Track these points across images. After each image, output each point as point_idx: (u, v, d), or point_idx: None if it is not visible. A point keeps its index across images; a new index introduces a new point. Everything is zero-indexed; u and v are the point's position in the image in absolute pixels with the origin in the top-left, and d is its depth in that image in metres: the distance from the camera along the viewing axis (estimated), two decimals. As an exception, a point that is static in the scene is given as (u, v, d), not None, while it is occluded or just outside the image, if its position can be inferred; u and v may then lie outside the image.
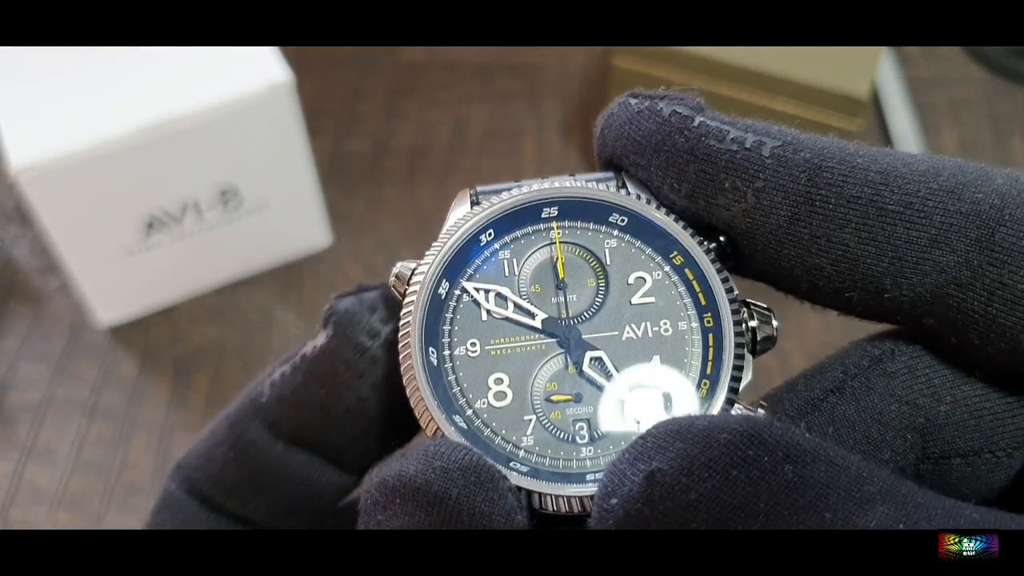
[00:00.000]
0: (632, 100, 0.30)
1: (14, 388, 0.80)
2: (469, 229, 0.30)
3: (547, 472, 0.27)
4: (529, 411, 0.28)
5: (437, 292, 0.29)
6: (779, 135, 0.28)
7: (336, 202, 0.87)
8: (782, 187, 0.27)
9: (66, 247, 0.74)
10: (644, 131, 0.29)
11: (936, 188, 0.26)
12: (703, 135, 0.28)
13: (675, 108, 0.29)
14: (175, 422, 0.77)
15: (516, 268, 0.30)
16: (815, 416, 0.29)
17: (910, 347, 0.29)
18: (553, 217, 0.30)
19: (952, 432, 0.29)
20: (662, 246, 0.30)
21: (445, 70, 1.01)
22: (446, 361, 0.28)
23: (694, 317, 0.29)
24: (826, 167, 0.27)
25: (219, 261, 0.83)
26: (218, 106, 0.72)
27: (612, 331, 0.29)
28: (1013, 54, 0.98)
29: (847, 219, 0.27)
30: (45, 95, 0.73)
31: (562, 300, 0.29)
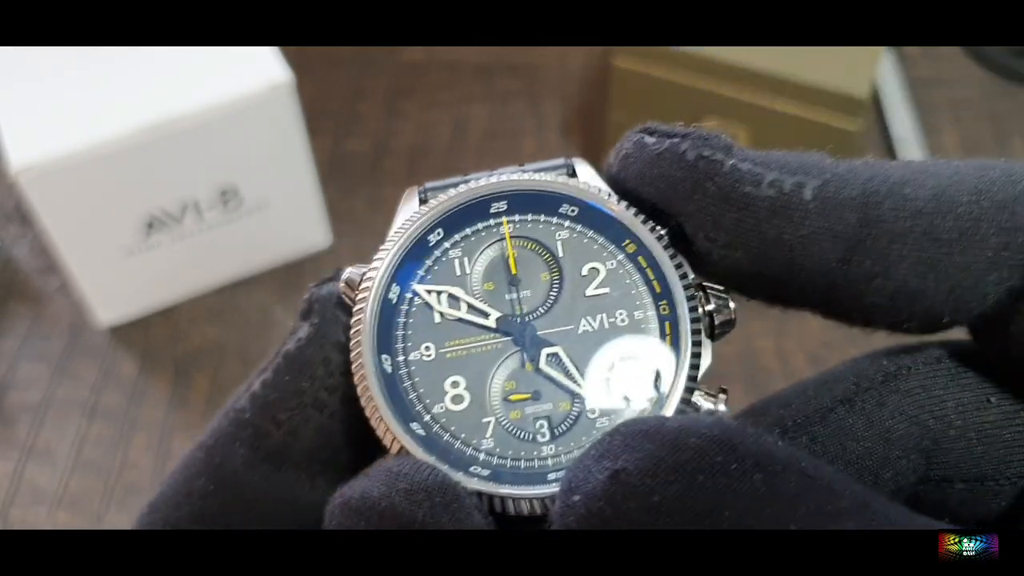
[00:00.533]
0: (648, 139, 0.28)
1: (14, 388, 0.80)
2: (417, 229, 0.29)
3: (508, 473, 0.27)
4: (488, 412, 0.28)
5: (388, 297, 0.28)
6: (818, 172, 0.26)
7: (336, 202, 0.87)
8: (830, 230, 0.26)
9: (66, 247, 0.74)
10: (668, 178, 0.27)
11: (988, 205, 0.25)
12: (736, 181, 0.26)
13: (701, 151, 0.27)
14: (175, 422, 0.77)
15: (468, 267, 0.29)
16: (821, 426, 0.28)
17: (927, 366, 0.29)
18: (503, 212, 0.30)
19: (958, 457, 0.28)
20: (614, 234, 0.29)
21: (445, 70, 1.01)
22: (400, 367, 0.28)
23: (650, 305, 0.29)
24: (874, 203, 0.25)
25: (219, 261, 0.83)
26: (218, 106, 0.72)
27: (567, 325, 0.29)
28: (1013, 54, 0.98)
29: (902, 255, 0.25)
30: (45, 95, 0.73)
31: (516, 296, 0.29)
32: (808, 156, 0.27)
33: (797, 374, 0.77)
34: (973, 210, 0.25)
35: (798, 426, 0.28)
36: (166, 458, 0.76)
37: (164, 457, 0.76)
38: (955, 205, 0.25)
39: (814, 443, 0.28)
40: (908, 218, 0.25)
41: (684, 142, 0.27)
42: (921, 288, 0.26)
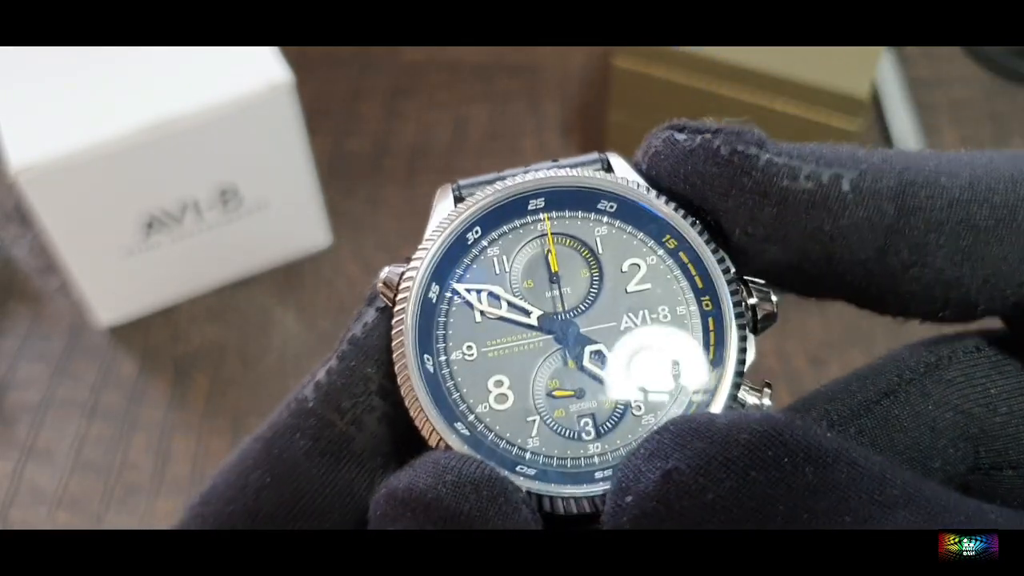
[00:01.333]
0: (679, 136, 0.28)
1: (14, 388, 0.80)
2: (455, 229, 0.29)
3: (555, 473, 0.27)
4: (532, 411, 0.27)
5: (428, 296, 0.28)
6: (853, 163, 0.26)
7: (336, 202, 0.87)
8: (868, 221, 0.26)
9: (66, 247, 0.74)
10: (703, 174, 0.27)
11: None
12: (773, 175, 0.26)
13: (735, 146, 0.27)
14: (175, 422, 0.77)
15: (507, 265, 0.29)
16: (868, 419, 0.28)
17: (968, 355, 0.29)
18: (540, 208, 0.29)
19: (1005, 443, 0.28)
20: (654, 230, 0.29)
21: (445, 70, 1.01)
22: (443, 367, 0.27)
23: (692, 301, 0.29)
24: (911, 193, 0.26)
25: (219, 261, 0.83)
26: (218, 106, 0.72)
27: (610, 322, 0.28)
28: (1013, 54, 0.98)
29: (939, 244, 0.26)
30: (45, 95, 0.73)
31: (556, 294, 0.29)
32: (842, 148, 0.27)
33: (798, 374, 0.77)
34: (1009, 198, 0.25)
35: (844, 420, 0.28)
36: (166, 458, 0.76)
37: (164, 457, 0.76)
38: (991, 193, 0.25)
39: (862, 435, 0.28)
40: (945, 207, 0.26)
41: (716, 138, 0.27)
42: (957, 276, 0.26)
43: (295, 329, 0.83)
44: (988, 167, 0.26)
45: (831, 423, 0.28)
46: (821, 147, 0.27)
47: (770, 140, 0.27)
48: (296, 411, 0.28)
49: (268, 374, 0.80)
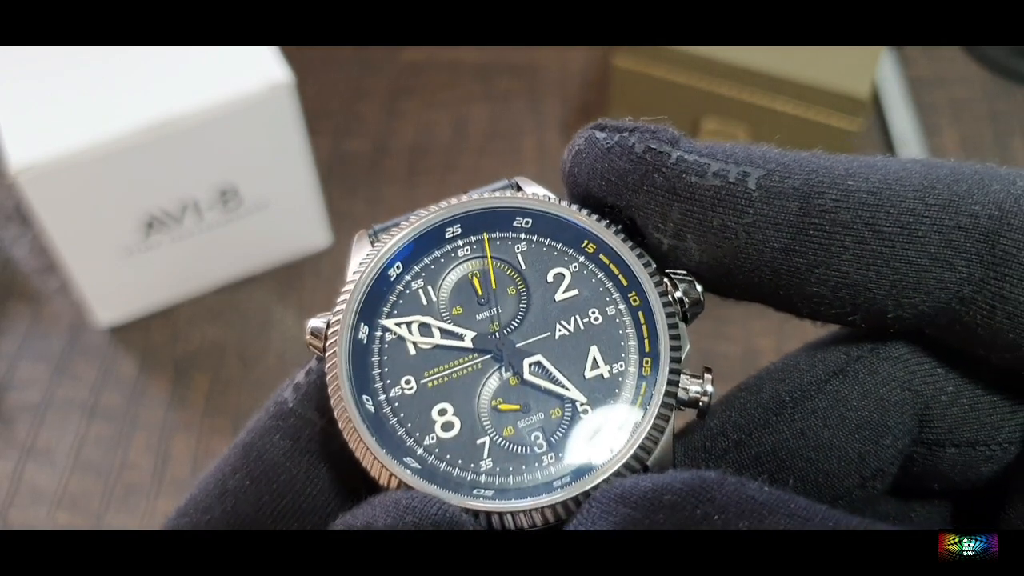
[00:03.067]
0: (599, 135, 0.29)
1: (14, 388, 0.80)
2: (376, 266, 0.29)
3: (513, 490, 0.27)
4: (481, 433, 0.27)
5: (358, 338, 0.28)
6: (763, 162, 0.27)
7: (336, 202, 0.87)
8: (773, 219, 0.26)
9: (66, 247, 0.74)
10: (618, 170, 0.28)
11: (932, 203, 0.25)
12: (683, 172, 0.27)
13: (648, 144, 0.27)
14: (175, 422, 0.77)
15: (433, 295, 0.29)
16: (819, 399, 0.28)
17: (910, 337, 0.29)
18: (458, 236, 0.30)
19: (950, 422, 0.29)
20: (572, 238, 0.30)
21: (445, 70, 1.01)
22: (384, 406, 0.28)
23: (620, 299, 0.29)
24: (816, 193, 0.26)
25: (219, 261, 0.83)
26: (218, 106, 0.72)
27: (544, 332, 0.29)
28: (1013, 54, 0.98)
29: (844, 246, 0.26)
30: (45, 95, 0.73)
31: (487, 315, 0.29)
32: (755, 148, 0.27)
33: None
34: (917, 207, 0.25)
35: (796, 401, 0.29)
36: (166, 458, 0.76)
37: (164, 457, 0.76)
38: (899, 200, 0.26)
39: (815, 415, 0.28)
40: (850, 209, 0.26)
41: (632, 136, 0.28)
42: (863, 280, 0.26)
43: (295, 329, 0.83)
44: (899, 175, 0.26)
45: (782, 404, 0.28)
46: (735, 147, 0.27)
47: (685, 139, 0.28)
48: (276, 413, 0.28)
49: (268, 374, 0.80)
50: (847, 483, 0.28)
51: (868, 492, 0.29)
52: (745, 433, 0.29)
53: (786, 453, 0.28)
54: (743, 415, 0.29)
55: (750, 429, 0.29)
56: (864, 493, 0.29)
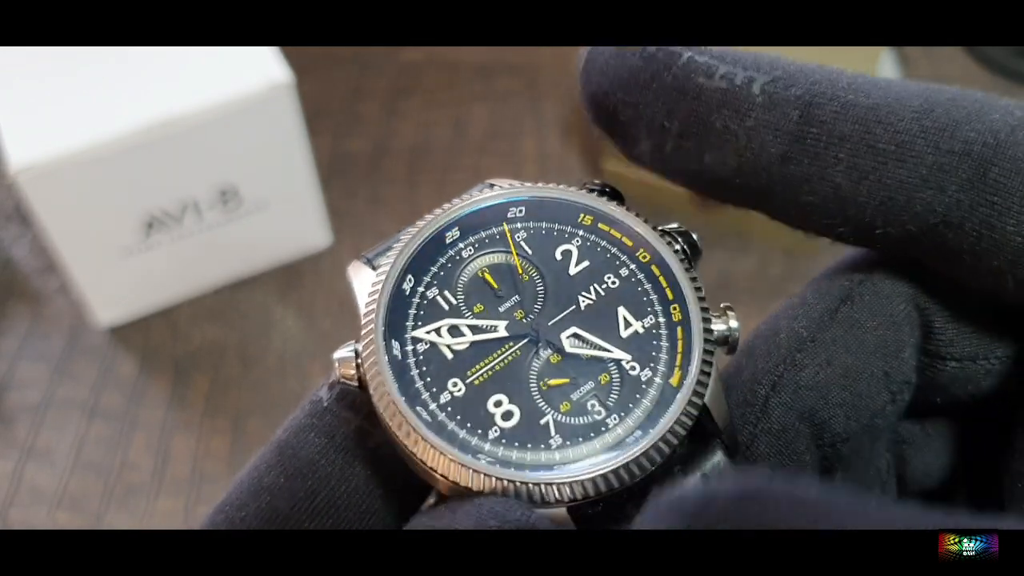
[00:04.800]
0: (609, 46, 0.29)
1: (14, 388, 0.80)
2: (390, 285, 0.29)
3: (587, 457, 0.27)
4: (542, 414, 0.28)
5: (393, 355, 0.28)
6: (769, 69, 0.27)
7: (336, 202, 0.87)
8: (773, 125, 0.27)
9: (66, 247, 0.74)
10: (630, 67, 0.28)
11: (928, 126, 0.26)
12: (692, 71, 0.28)
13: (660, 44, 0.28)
14: (175, 422, 0.77)
15: (452, 299, 0.29)
16: (834, 328, 0.29)
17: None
18: (458, 239, 0.30)
19: (951, 336, 0.29)
20: (567, 215, 0.30)
21: (445, 70, 1.01)
22: (438, 413, 0.28)
23: (629, 260, 0.30)
24: (817, 103, 0.26)
25: (219, 261, 0.83)
26: (218, 106, 0.72)
27: (570, 306, 0.29)
28: (1013, 54, 0.98)
29: (838, 158, 0.26)
30: (45, 95, 0.73)
31: (509, 305, 0.29)
32: (764, 54, 0.28)
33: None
34: (912, 126, 0.26)
35: (813, 334, 0.29)
36: (166, 458, 0.76)
37: (164, 457, 0.76)
38: (896, 119, 0.26)
39: (835, 344, 0.29)
40: (848, 123, 0.26)
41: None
42: (854, 194, 0.26)
43: (295, 329, 0.83)
44: (900, 96, 0.26)
45: (801, 341, 0.29)
46: (745, 52, 0.28)
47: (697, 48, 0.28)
48: (311, 411, 0.29)
49: (268, 374, 0.80)
50: (880, 400, 0.29)
51: (899, 405, 0.30)
52: (777, 375, 0.29)
53: (819, 384, 0.29)
54: (768, 360, 0.29)
55: (780, 371, 0.29)
56: (895, 407, 0.30)
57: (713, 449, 0.28)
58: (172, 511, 0.73)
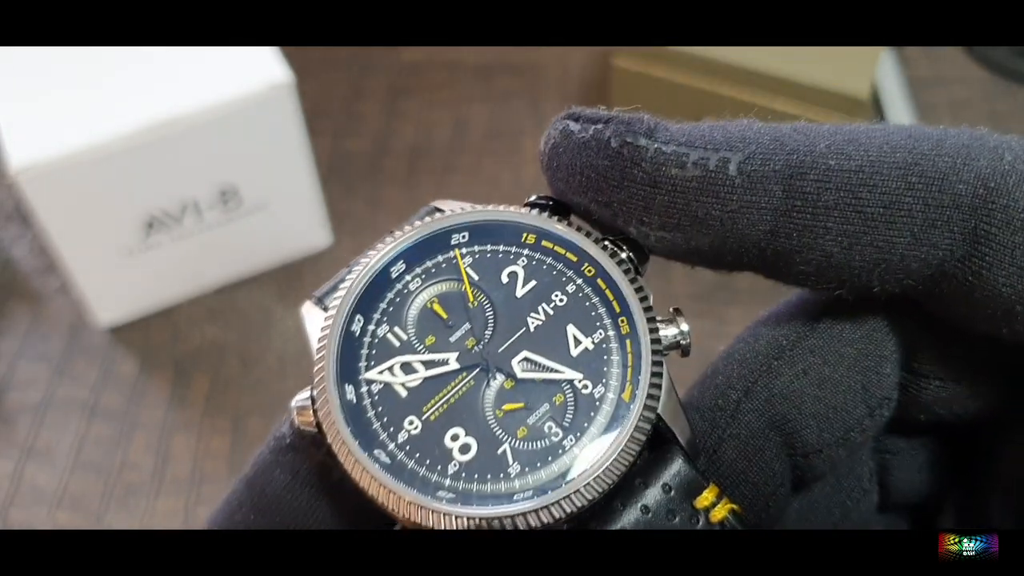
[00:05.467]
0: (573, 127, 0.28)
1: (14, 388, 0.80)
2: (339, 327, 0.29)
3: (549, 483, 0.27)
4: (499, 443, 0.28)
5: (347, 400, 0.28)
6: (742, 144, 0.26)
7: (336, 202, 0.87)
8: (756, 204, 0.26)
9: (66, 247, 0.74)
10: (597, 168, 0.27)
11: (915, 181, 0.25)
12: (662, 164, 0.26)
13: (624, 138, 0.27)
14: (175, 422, 0.77)
15: (403, 334, 0.29)
16: (814, 337, 0.29)
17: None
18: (403, 271, 0.30)
19: (935, 355, 0.29)
20: (510, 235, 0.30)
21: (445, 70, 1.01)
22: (397, 453, 0.28)
23: (575, 275, 0.30)
24: (799, 175, 0.26)
25: (219, 261, 0.83)
26: (218, 106, 0.72)
27: (520, 330, 0.29)
28: (1013, 54, 0.98)
29: (827, 228, 0.26)
30: (45, 95, 0.73)
31: (460, 334, 0.29)
32: (734, 127, 0.27)
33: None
34: (899, 185, 0.25)
35: (792, 343, 0.29)
36: (166, 458, 0.76)
37: (164, 457, 0.76)
38: (881, 179, 0.25)
39: (813, 354, 0.29)
40: (833, 191, 0.25)
41: (607, 128, 0.27)
42: (847, 260, 0.26)
43: (295, 329, 0.83)
44: (883, 149, 0.26)
45: (780, 348, 0.29)
46: (714, 129, 0.27)
47: (662, 127, 0.27)
48: (275, 447, 0.29)
49: (268, 374, 0.80)
50: (856, 414, 0.29)
51: (877, 420, 0.29)
52: (751, 381, 0.29)
53: (793, 393, 0.29)
54: (744, 365, 0.29)
55: (755, 377, 0.29)
56: (873, 422, 0.29)
57: (672, 457, 0.28)
58: (172, 511, 0.73)
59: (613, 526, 0.27)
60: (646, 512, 0.27)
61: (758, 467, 0.29)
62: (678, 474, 0.27)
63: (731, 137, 0.27)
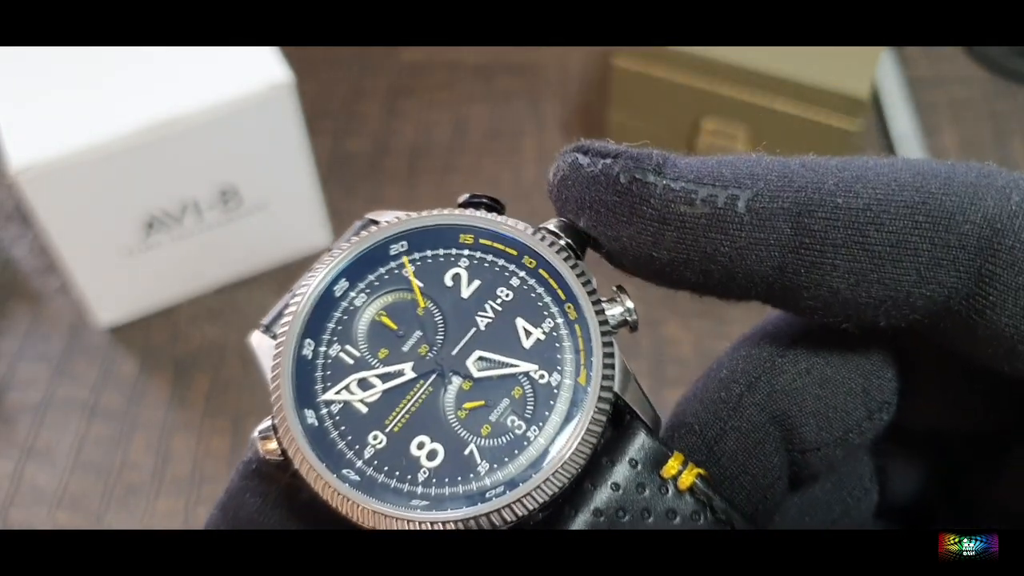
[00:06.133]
0: (582, 160, 0.28)
1: (14, 388, 0.80)
2: (290, 354, 0.29)
3: (520, 475, 0.27)
4: (465, 443, 0.28)
5: (308, 424, 0.28)
6: (750, 181, 0.27)
7: (336, 202, 0.87)
8: (764, 241, 0.26)
9: (66, 247, 0.74)
10: (607, 203, 0.28)
11: (922, 220, 0.25)
12: (671, 201, 0.27)
13: (633, 174, 0.27)
14: (175, 422, 0.77)
15: (355, 351, 0.29)
16: (819, 338, 0.29)
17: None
18: (347, 289, 0.30)
19: (932, 371, 0.29)
20: (447, 239, 0.30)
21: (445, 70, 1.01)
22: (366, 469, 0.28)
23: (517, 268, 0.30)
24: (807, 212, 0.26)
25: (219, 261, 0.83)
26: (218, 106, 0.72)
27: (470, 330, 0.29)
28: (1013, 54, 0.98)
29: (834, 265, 0.26)
30: (45, 95, 0.73)
31: (412, 342, 0.29)
32: (743, 162, 0.27)
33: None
34: (906, 224, 0.25)
35: (798, 343, 0.30)
36: (166, 458, 0.76)
37: (164, 457, 0.76)
38: (889, 217, 0.25)
39: (817, 355, 0.29)
40: (840, 229, 0.26)
41: (616, 163, 0.28)
42: (853, 296, 0.26)
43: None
44: (890, 187, 0.26)
45: (787, 346, 0.30)
46: (723, 164, 0.27)
47: (671, 162, 0.27)
48: (244, 472, 0.29)
49: (268, 374, 0.80)
50: (855, 416, 0.29)
51: (876, 424, 0.30)
52: (755, 376, 0.29)
53: (795, 390, 0.29)
54: (749, 361, 0.30)
55: (758, 372, 0.29)
56: (872, 425, 0.30)
57: (635, 432, 0.28)
58: (172, 511, 0.73)
59: (587, 507, 0.27)
60: (616, 489, 0.28)
61: (757, 460, 0.29)
62: (642, 448, 0.28)
63: (739, 174, 0.27)
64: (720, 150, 0.81)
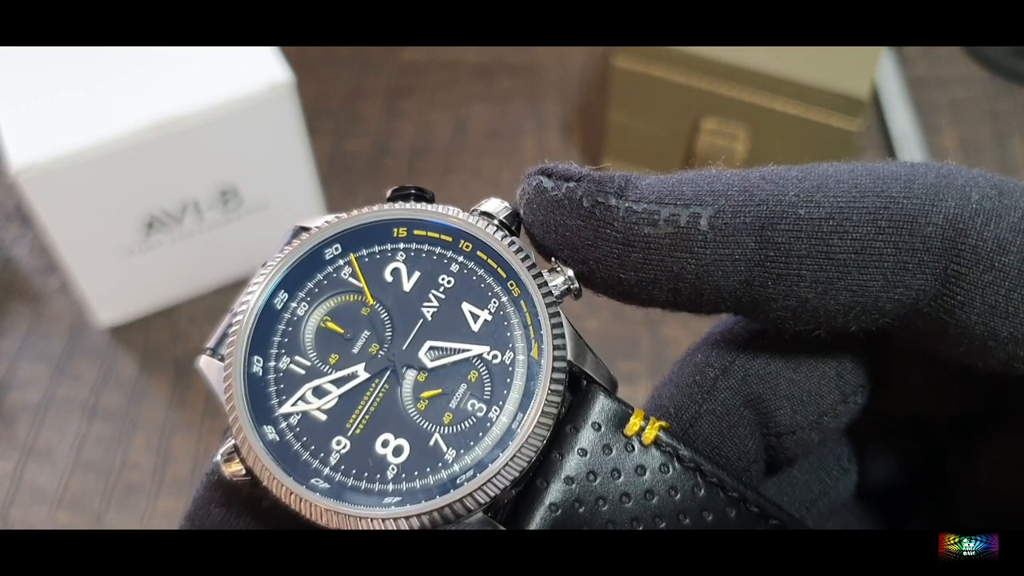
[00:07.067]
0: (546, 183, 0.29)
1: (14, 388, 0.80)
2: (240, 373, 0.29)
3: (486, 458, 0.28)
4: (428, 434, 0.28)
5: (269, 440, 0.28)
6: (712, 198, 0.27)
7: (336, 202, 0.87)
8: (729, 257, 0.26)
9: (66, 247, 0.74)
10: (571, 228, 0.28)
11: (885, 225, 0.25)
12: (634, 223, 0.27)
13: (596, 198, 0.27)
14: (175, 422, 0.77)
15: (304, 361, 0.29)
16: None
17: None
18: (287, 300, 0.30)
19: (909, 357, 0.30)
20: (381, 235, 0.30)
21: (445, 70, 1.01)
22: (334, 475, 0.28)
23: (455, 253, 0.30)
24: (770, 225, 0.26)
25: (219, 261, 0.83)
26: (218, 106, 0.72)
27: (417, 322, 0.29)
28: (1013, 54, 0.98)
29: (801, 276, 0.26)
30: (45, 95, 0.73)
31: (361, 343, 0.29)
32: (704, 179, 0.27)
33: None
34: (870, 231, 0.25)
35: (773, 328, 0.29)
36: (166, 458, 0.76)
37: (164, 457, 0.76)
38: (851, 225, 0.26)
39: (791, 339, 0.29)
40: (804, 239, 0.26)
41: (579, 187, 0.28)
42: (822, 304, 0.26)
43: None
44: (852, 193, 0.26)
45: (761, 330, 0.30)
46: (683, 182, 0.27)
47: (632, 184, 0.28)
48: (207, 484, 0.29)
49: (268, 374, 0.80)
50: (829, 399, 0.30)
51: (850, 407, 0.30)
52: (729, 360, 0.30)
53: (769, 374, 0.30)
54: (723, 345, 0.30)
55: (733, 357, 0.30)
56: (847, 408, 0.30)
57: (594, 396, 0.29)
58: (172, 511, 0.73)
59: (558, 476, 0.28)
60: (584, 454, 0.28)
61: (732, 443, 0.30)
62: (603, 410, 0.28)
63: (701, 191, 0.27)
64: (720, 150, 0.81)
